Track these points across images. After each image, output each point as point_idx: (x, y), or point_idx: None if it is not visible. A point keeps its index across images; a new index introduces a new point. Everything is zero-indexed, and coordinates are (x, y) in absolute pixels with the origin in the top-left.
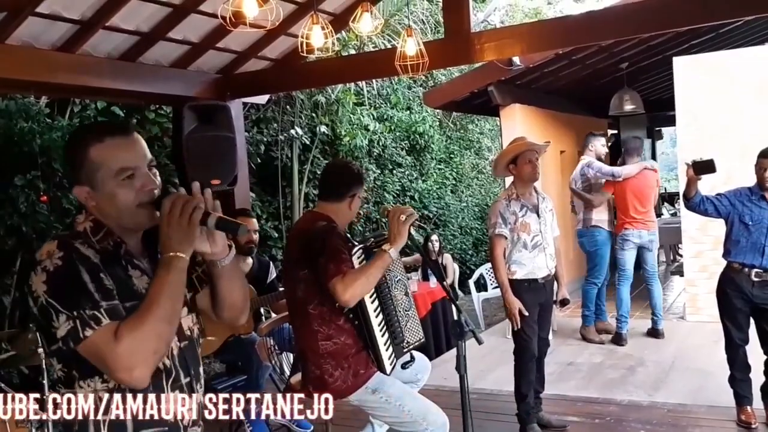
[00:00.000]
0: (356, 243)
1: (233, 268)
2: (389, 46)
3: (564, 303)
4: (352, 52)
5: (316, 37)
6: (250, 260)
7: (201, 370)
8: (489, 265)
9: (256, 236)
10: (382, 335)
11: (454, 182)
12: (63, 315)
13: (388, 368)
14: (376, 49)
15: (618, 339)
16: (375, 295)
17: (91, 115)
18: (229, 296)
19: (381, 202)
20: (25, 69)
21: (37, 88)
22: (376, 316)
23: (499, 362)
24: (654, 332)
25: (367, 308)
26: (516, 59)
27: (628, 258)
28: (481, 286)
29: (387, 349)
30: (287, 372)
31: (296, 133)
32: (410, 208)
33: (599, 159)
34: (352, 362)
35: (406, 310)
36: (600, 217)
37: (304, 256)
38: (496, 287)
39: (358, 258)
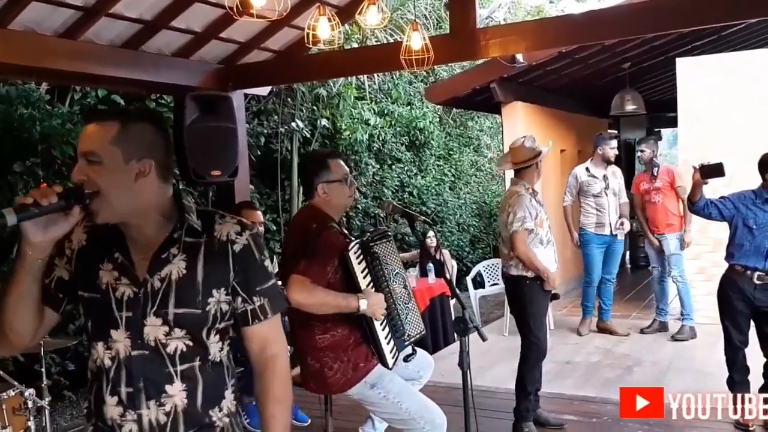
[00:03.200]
0: (353, 238)
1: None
2: (391, 41)
3: (554, 297)
4: (355, 45)
5: (322, 28)
6: None
7: (166, 389)
8: (486, 262)
9: (261, 229)
10: (383, 329)
11: (452, 179)
12: None
13: (390, 362)
14: (379, 43)
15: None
16: (374, 290)
17: (92, 103)
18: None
19: (380, 197)
20: (27, 55)
21: (38, 74)
22: None
23: (497, 360)
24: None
25: None
26: (519, 57)
27: None
28: (478, 283)
29: (388, 343)
30: None
31: (297, 125)
32: None
33: (607, 162)
34: (351, 355)
35: (405, 303)
36: (585, 220)
37: (299, 252)
38: (493, 284)
39: (355, 253)
